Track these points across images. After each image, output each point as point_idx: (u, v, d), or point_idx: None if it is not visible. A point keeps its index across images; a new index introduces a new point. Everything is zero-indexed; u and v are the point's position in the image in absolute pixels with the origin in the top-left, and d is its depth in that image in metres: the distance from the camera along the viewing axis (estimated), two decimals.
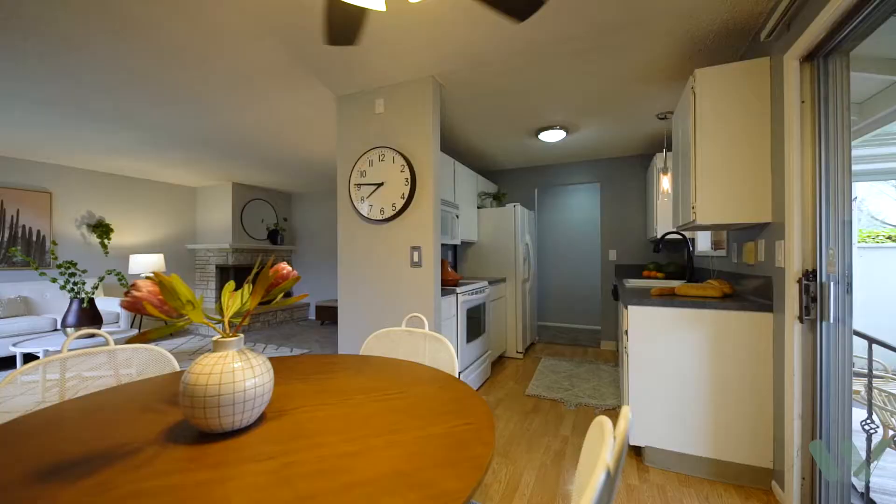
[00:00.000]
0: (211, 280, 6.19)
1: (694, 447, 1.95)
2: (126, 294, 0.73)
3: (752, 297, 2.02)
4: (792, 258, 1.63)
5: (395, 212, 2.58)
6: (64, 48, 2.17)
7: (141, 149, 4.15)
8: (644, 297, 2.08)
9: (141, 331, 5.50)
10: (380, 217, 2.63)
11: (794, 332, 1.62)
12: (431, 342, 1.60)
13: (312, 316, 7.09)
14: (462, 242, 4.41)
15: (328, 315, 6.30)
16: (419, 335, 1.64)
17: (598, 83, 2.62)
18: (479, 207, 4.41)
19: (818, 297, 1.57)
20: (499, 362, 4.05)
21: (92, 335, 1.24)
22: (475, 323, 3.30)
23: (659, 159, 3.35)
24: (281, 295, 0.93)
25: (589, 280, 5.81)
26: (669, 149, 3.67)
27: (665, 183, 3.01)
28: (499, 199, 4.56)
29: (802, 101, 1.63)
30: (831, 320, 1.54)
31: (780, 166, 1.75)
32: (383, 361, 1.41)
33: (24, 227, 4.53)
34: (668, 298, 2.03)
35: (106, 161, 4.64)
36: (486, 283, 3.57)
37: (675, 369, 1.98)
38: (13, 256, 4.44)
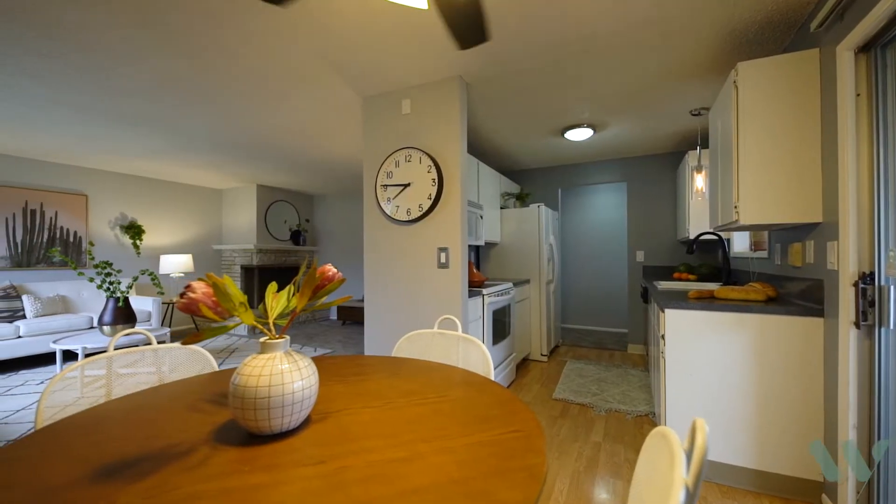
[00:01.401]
0: (236, 280, 6.33)
1: (737, 457, 1.87)
2: (181, 296, 0.73)
3: (798, 301, 1.93)
4: (847, 260, 1.53)
5: (421, 212, 2.57)
6: (102, 54, 2.24)
7: (171, 152, 4.27)
8: (681, 301, 2.00)
9: (172, 329, 5.66)
10: (406, 218, 2.63)
11: (850, 339, 1.53)
12: (465, 345, 1.58)
13: (334, 316, 7.17)
14: (485, 243, 4.38)
15: (349, 315, 6.36)
16: (452, 337, 1.62)
17: (630, 80, 2.55)
18: (501, 208, 4.37)
19: (876, 301, 1.47)
20: (523, 365, 4.00)
21: (128, 334, 1.26)
22: (500, 325, 3.26)
23: (692, 157, 3.24)
24: (325, 297, 0.92)
25: (614, 281, 5.68)
26: (704, 146, 3.54)
27: (699, 181, 2.91)
28: (522, 199, 4.50)
29: (858, 94, 1.54)
30: (892, 326, 1.45)
31: (832, 163, 1.66)
32: (418, 364, 1.39)
33: (61, 228, 4.73)
34: (708, 302, 1.96)
35: (138, 164, 4.80)
36: (510, 284, 3.53)
37: (716, 376, 1.90)
38: (53, 257, 4.63)
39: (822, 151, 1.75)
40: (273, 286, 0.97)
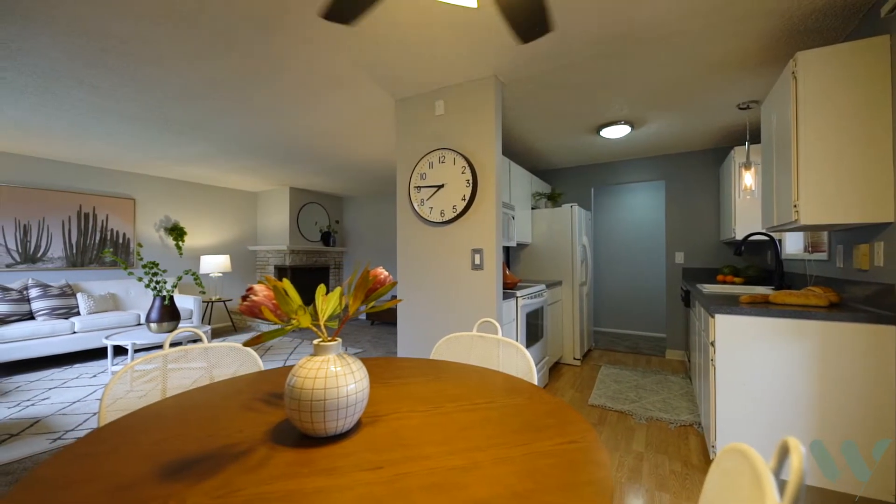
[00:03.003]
0: None
1: (781, 473, 1.74)
2: (244, 299, 0.75)
3: (866, 308, 1.78)
4: None
5: (455, 214, 2.56)
6: (151, 64, 2.34)
7: (211, 157, 4.44)
8: (732, 305, 1.90)
9: (212, 327, 5.88)
10: (440, 219, 2.62)
11: None
12: (505, 349, 1.55)
13: (363, 315, 7.27)
14: (516, 244, 4.32)
15: (378, 315, 6.43)
16: (492, 341, 1.59)
17: (675, 73, 2.45)
18: (533, 208, 4.30)
19: None
20: (555, 369, 3.91)
21: (181, 332, 1.31)
22: (533, 328, 3.20)
23: (739, 153, 3.08)
24: (371, 304, 0.91)
25: (651, 284, 5.48)
26: (753, 141, 3.35)
27: (748, 179, 2.75)
28: (553, 199, 4.41)
29: None
30: None
31: None
32: (459, 368, 1.37)
33: (112, 230, 5.01)
34: (763, 307, 1.84)
35: (180, 169, 5.02)
36: (543, 286, 3.46)
37: (772, 386, 1.79)
38: (105, 257, 4.91)
39: (894, 145, 1.62)
40: (322, 288, 0.97)
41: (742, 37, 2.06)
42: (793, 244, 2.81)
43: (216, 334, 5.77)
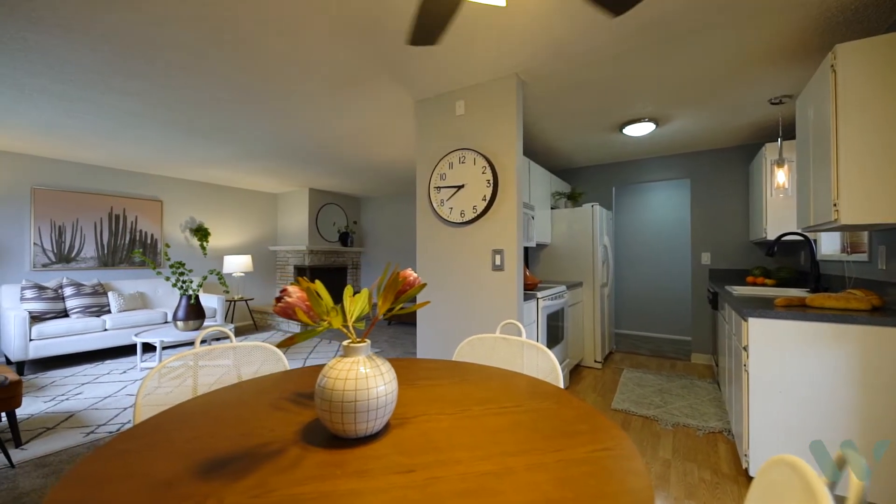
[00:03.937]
0: (290, 279, 6.63)
1: (838, 487, 1.66)
2: (278, 300, 0.75)
3: None
4: None
5: (476, 214, 2.54)
6: (177, 70, 2.40)
7: (234, 159, 4.54)
8: (767, 309, 1.82)
9: (235, 325, 6.02)
10: (460, 220, 2.61)
11: None
12: (529, 351, 1.53)
13: None
14: (536, 244, 4.27)
15: (395, 315, 6.45)
16: (516, 343, 1.57)
17: (702, 68, 2.37)
18: (552, 208, 4.24)
19: None
20: (576, 371, 3.85)
21: (210, 331, 1.34)
22: (554, 329, 3.16)
23: (771, 150, 2.96)
24: (400, 306, 0.91)
25: (674, 285, 5.34)
26: (786, 137, 3.22)
27: (780, 177, 2.64)
28: (574, 198, 4.35)
29: None
30: None
31: None
32: (483, 370, 1.36)
33: (140, 231, 5.18)
34: (799, 310, 1.76)
35: (205, 171, 5.15)
36: (564, 287, 3.41)
37: (810, 393, 1.71)
38: (134, 257, 5.08)
39: None
40: (350, 289, 0.97)
41: (775, 29, 1.98)
42: (829, 244, 2.69)
43: (238, 332, 5.89)
